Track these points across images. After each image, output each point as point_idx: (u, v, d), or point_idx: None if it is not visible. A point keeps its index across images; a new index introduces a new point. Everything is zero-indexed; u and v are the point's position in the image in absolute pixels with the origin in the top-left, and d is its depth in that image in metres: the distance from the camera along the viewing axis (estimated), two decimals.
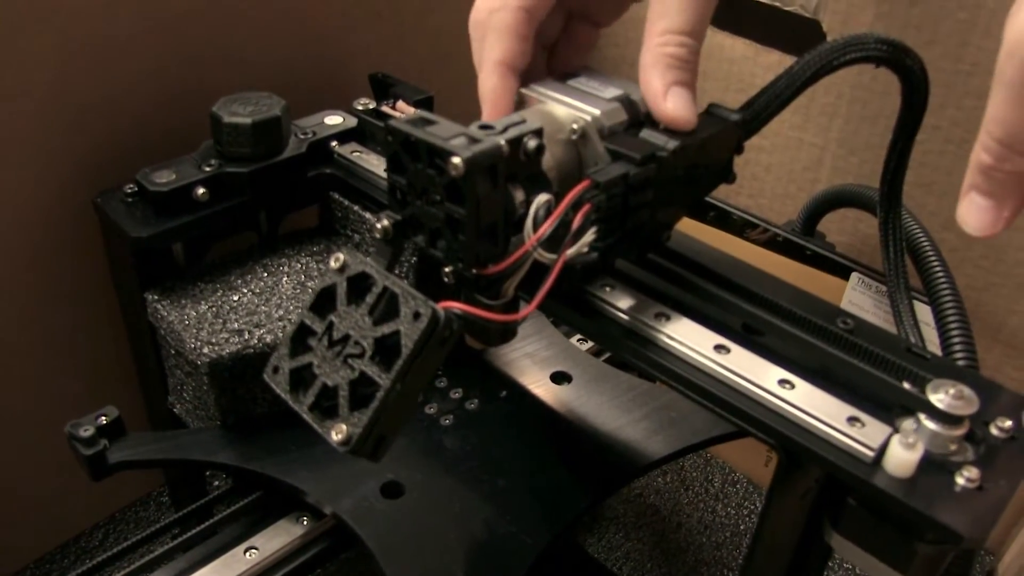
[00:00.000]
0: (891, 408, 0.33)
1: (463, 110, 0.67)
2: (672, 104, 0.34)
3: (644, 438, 0.47)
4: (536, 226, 0.30)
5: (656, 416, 0.48)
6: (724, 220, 0.63)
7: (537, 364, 0.51)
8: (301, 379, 0.31)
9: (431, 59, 0.68)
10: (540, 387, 0.50)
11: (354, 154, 0.50)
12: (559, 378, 0.50)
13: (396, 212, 0.32)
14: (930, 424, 0.32)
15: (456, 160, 0.28)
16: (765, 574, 0.41)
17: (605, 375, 0.51)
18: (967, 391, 0.32)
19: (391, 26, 0.64)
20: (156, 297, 0.47)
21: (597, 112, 0.34)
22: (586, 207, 0.31)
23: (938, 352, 0.39)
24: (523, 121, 0.32)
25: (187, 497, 0.55)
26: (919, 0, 0.57)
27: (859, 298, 0.59)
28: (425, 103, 0.55)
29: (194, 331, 0.45)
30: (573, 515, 0.42)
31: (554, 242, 0.31)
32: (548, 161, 0.33)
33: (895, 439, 0.31)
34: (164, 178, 0.47)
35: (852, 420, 0.32)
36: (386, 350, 0.29)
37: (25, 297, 0.53)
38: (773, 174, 0.69)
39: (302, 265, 0.49)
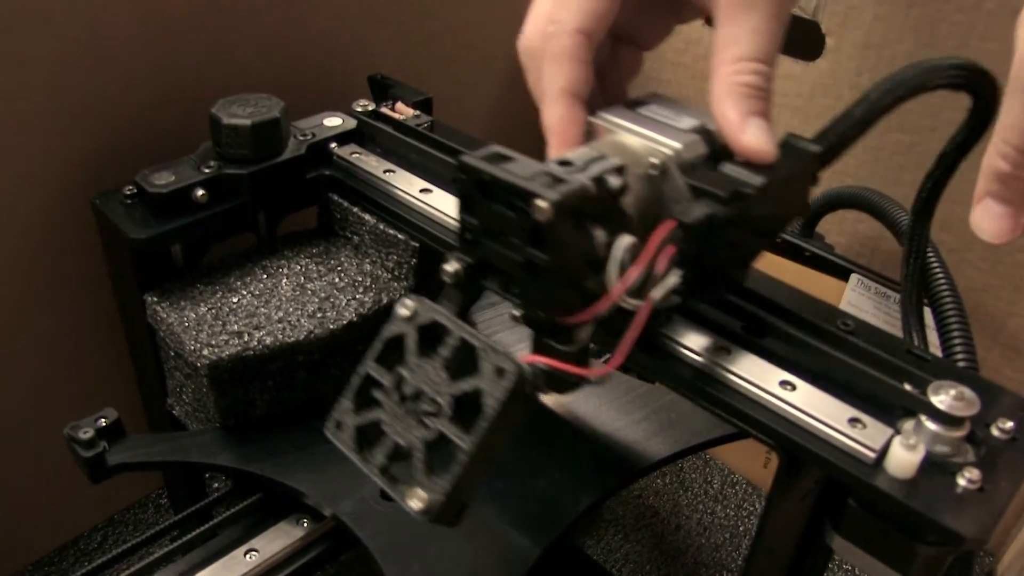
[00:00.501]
0: (892, 410, 0.33)
1: (460, 111, 0.67)
2: (751, 137, 0.32)
3: (644, 439, 0.47)
4: (622, 271, 0.28)
5: (656, 417, 0.48)
6: None
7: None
8: (368, 436, 0.29)
9: (429, 61, 0.68)
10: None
11: (353, 156, 0.50)
12: None
13: (466, 254, 0.30)
14: (931, 425, 0.32)
15: (542, 204, 0.26)
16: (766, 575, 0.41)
17: (606, 378, 0.51)
18: (968, 392, 0.32)
19: (389, 28, 0.64)
20: (155, 299, 0.47)
21: (678, 145, 0.32)
22: (671, 249, 0.29)
23: (939, 354, 0.39)
24: (602, 156, 0.30)
25: (186, 499, 0.55)
26: (917, 2, 0.57)
27: (859, 299, 0.59)
28: (424, 104, 0.56)
29: (193, 333, 0.44)
30: (573, 517, 0.42)
31: (638, 286, 0.29)
32: (627, 198, 0.31)
33: (896, 440, 0.31)
34: (163, 180, 0.46)
35: (853, 421, 0.32)
36: (465, 408, 0.27)
37: (23, 299, 0.53)
38: None
39: (301, 267, 0.49)
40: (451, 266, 0.30)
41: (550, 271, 0.27)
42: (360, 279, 0.48)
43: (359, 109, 0.53)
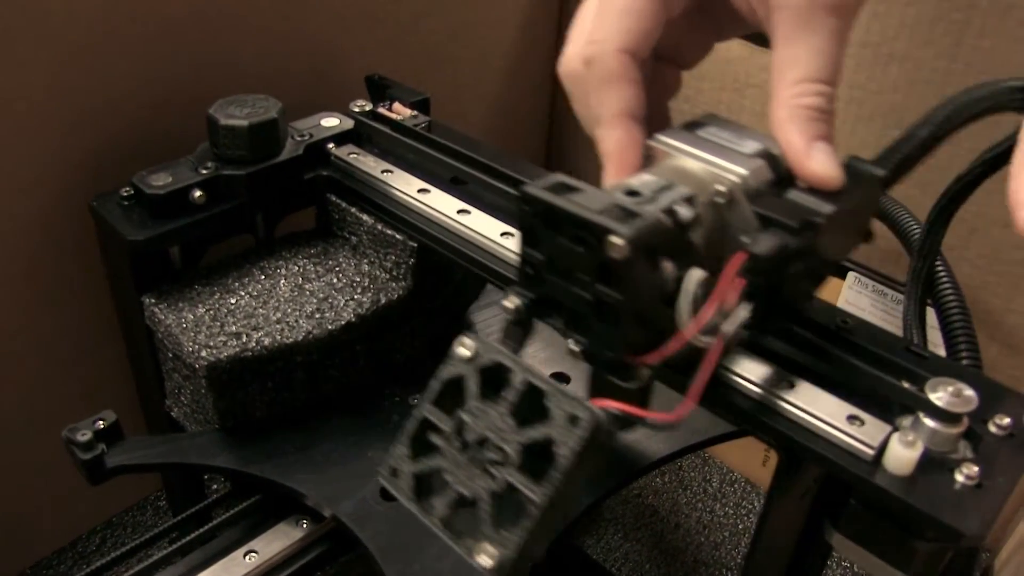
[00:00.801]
0: (891, 407, 0.33)
1: (458, 111, 0.67)
2: (818, 163, 0.30)
3: (643, 438, 0.47)
4: (694, 307, 0.27)
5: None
6: None
7: (535, 364, 0.51)
8: (428, 485, 0.28)
9: (426, 61, 0.68)
10: None
11: (351, 156, 0.50)
12: (558, 379, 0.50)
13: (527, 289, 0.29)
14: (929, 422, 0.32)
15: (617, 240, 0.25)
16: (765, 573, 0.41)
17: None
18: (966, 389, 0.32)
19: (386, 29, 0.64)
20: (153, 300, 0.46)
21: (744, 171, 0.30)
22: (741, 282, 0.28)
23: (941, 353, 0.39)
24: (670, 185, 0.29)
25: (185, 501, 0.54)
26: (915, 0, 0.57)
27: (856, 297, 0.59)
28: (421, 105, 0.56)
29: (192, 334, 0.44)
30: (573, 516, 0.42)
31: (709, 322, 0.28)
32: (696, 229, 0.30)
33: (895, 437, 0.31)
34: (161, 181, 0.46)
35: (852, 419, 0.32)
36: (534, 456, 0.26)
37: (19, 302, 0.53)
38: None
39: (299, 268, 0.49)
40: (511, 302, 0.29)
41: (622, 310, 0.26)
42: (358, 279, 0.48)
43: (356, 109, 0.53)
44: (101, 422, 0.45)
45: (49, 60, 0.48)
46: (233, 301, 0.47)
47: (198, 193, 0.47)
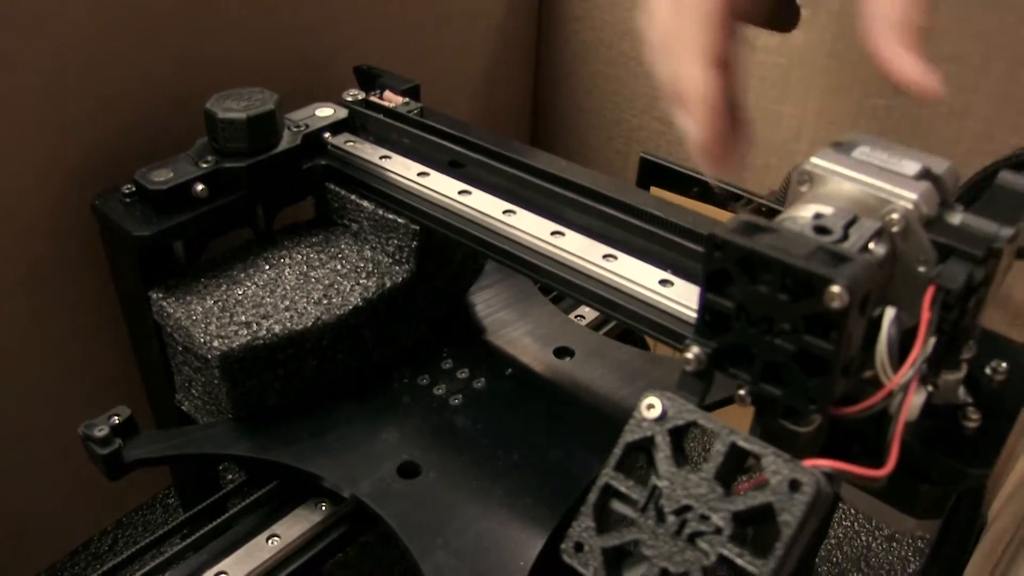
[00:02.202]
0: None
1: (446, 99, 0.68)
2: (923, 75, 0.29)
3: None
4: (891, 348, 0.26)
5: (658, 385, 0.49)
6: (708, 194, 0.64)
7: (538, 341, 0.52)
8: (619, 559, 0.26)
9: (412, 51, 0.69)
10: (544, 363, 0.51)
11: (348, 144, 0.51)
12: (561, 353, 0.51)
13: (709, 339, 0.27)
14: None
15: (837, 289, 0.23)
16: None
17: (605, 348, 0.52)
18: None
19: (373, 19, 0.65)
20: (161, 295, 0.47)
21: (914, 196, 0.28)
22: (928, 317, 0.27)
23: None
24: (854, 217, 0.27)
25: (197, 495, 0.55)
26: None
27: None
28: (412, 92, 0.56)
29: (202, 326, 0.45)
30: (587, 483, 0.43)
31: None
32: None
33: None
34: (162, 176, 0.47)
35: None
36: (746, 524, 0.25)
37: (23, 304, 0.53)
38: (753, 147, 0.71)
39: (303, 256, 0.50)
40: (692, 352, 0.27)
41: (833, 360, 0.25)
42: (362, 265, 0.49)
43: (349, 98, 0.54)
44: (116, 417, 0.45)
45: (42, 60, 0.48)
46: (240, 292, 0.47)
47: (200, 187, 0.47)
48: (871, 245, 0.27)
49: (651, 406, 0.27)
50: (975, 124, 0.60)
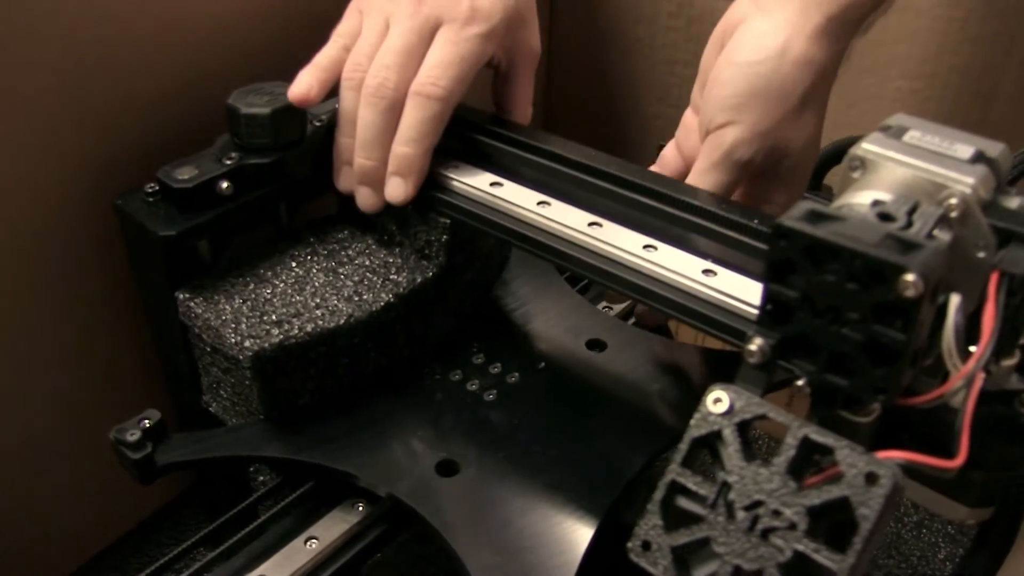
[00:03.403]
0: None
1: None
2: None
3: (688, 400, 0.47)
4: (958, 336, 0.26)
5: (694, 378, 0.49)
6: None
7: (569, 333, 0.51)
8: (690, 557, 0.26)
9: None
10: (577, 356, 0.50)
11: None
12: (594, 345, 0.51)
13: (771, 329, 0.27)
14: None
15: (911, 278, 0.23)
16: None
17: (637, 339, 0.51)
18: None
19: None
20: (188, 295, 0.46)
21: (972, 180, 0.28)
22: (995, 304, 0.27)
23: None
24: (915, 203, 0.27)
25: (227, 497, 0.54)
26: None
27: None
28: None
29: (232, 326, 0.44)
30: (630, 477, 0.43)
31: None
32: None
33: None
34: (187, 174, 0.46)
35: None
36: (819, 519, 0.24)
37: (40, 307, 0.52)
38: None
39: (329, 252, 0.49)
40: (755, 344, 0.27)
41: (903, 350, 0.25)
42: (391, 260, 0.48)
43: None
44: (147, 421, 0.44)
45: (60, 59, 0.47)
46: (269, 291, 0.46)
47: (225, 184, 0.46)
48: (936, 231, 0.27)
49: (718, 400, 0.27)
50: (1002, 107, 0.59)
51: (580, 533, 0.40)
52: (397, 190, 0.45)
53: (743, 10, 0.45)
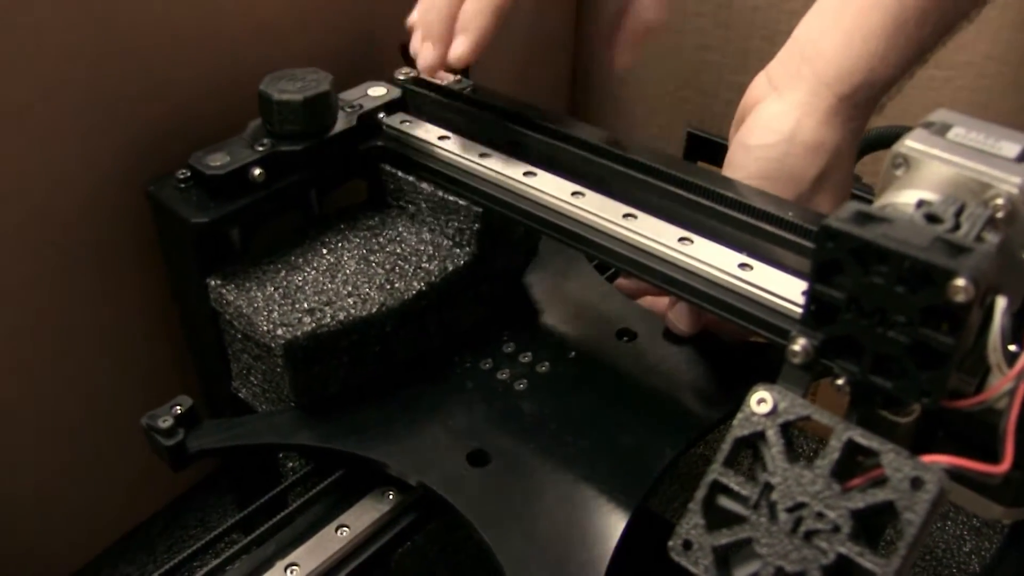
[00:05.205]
0: None
1: (485, 78, 0.66)
2: None
3: (719, 390, 0.47)
4: (1004, 339, 0.26)
5: (726, 367, 0.49)
6: None
7: (599, 322, 0.51)
8: (728, 558, 0.26)
9: None
10: (607, 345, 0.50)
11: (404, 124, 0.50)
12: (624, 334, 0.50)
13: (816, 329, 0.27)
14: None
15: (961, 283, 0.23)
16: None
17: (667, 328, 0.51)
18: None
19: None
20: (219, 282, 0.46)
21: (1019, 180, 0.28)
22: None
23: None
24: (964, 203, 0.27)
25: (255, 484, 0.55)
26: None
27: None
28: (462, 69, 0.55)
29: (265, 314, 0.44)
30: (661, 468, 0.43)
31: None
32: None
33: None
34: (219, 161, 0.46)
35: None
36: (864, 522, 0.24)
37: (70, 293, 0.52)
38: None
39: (361, 240, 0.49)
40: (799, 344, 0.27)
41: (952, 353, 0.25)
42: (422, 248, 0.48)
43: (402, 77, 0.52)
44: (178, 407, 0.45)
45: (94, 46, 0.47)
46: (300, 278, 0.46)
47: (257, 171, 0.46)
48: (984, 233, 0.26)
49: (762, 400, 0.27)
50: None
51: (612, 526, 0.40)
52: (459, 48, 0.44)
53: (760, 90, 0.45)
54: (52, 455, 0.55)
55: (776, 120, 0.44)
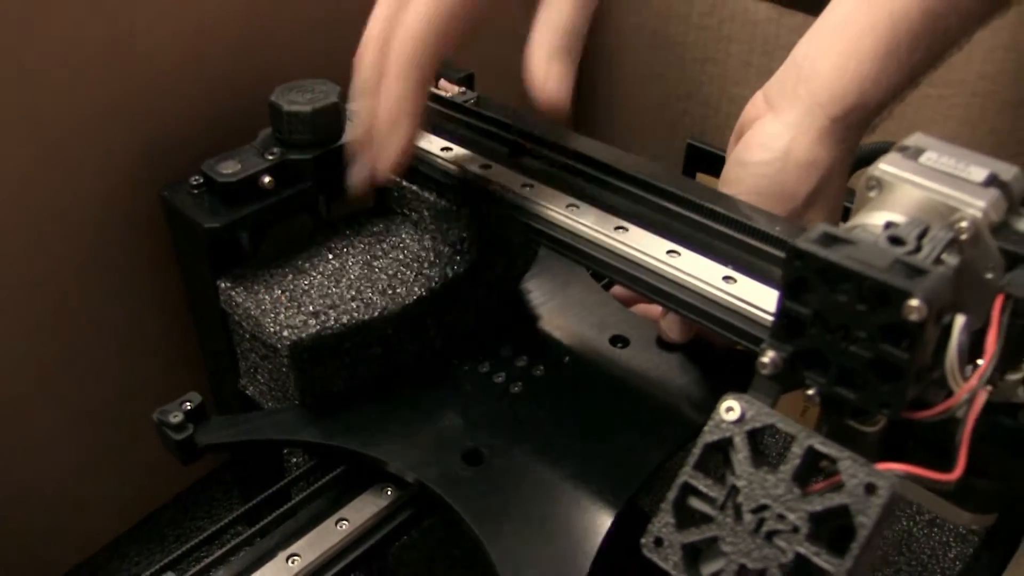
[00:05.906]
0: None
1: (494, 86, 0.68)
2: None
3: (708, 396, 0.49)
4: (960, 356, 0.27)
5: (714, 375, 0.50)
6: None
7: (594, 328, 0.53)
8: (699, 555, 0.27)
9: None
10: (601, 351, 0.51)
11: None
12: (617, 341, 0.52)
13: (784, 342, 0.29)
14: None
15: (915, 303, 0.25)
16: None
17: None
18: None
19: None
20: (229, 285, 0.48)
21: (982, 204, 0.29)
22: (998, 327, 0.28)
23: None
24: (926, 226, 0.28)
25: (259, 478, 0.57)
26: None
27: None
28: (467, 80, 0.57)
29: (272, 316, 0.46)
30: (649, 470, 0.44)
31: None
32: None
33: None
34: (230, 168, 0.48)
35: None
36: (821, 524, 0.26)
37: (87, 292, 0.54)
38: None
39: (365, 246, 0.51)
40: (768, 356, 0.29)
41: (908, 368, 0.26)
42: (424, 255, 0.50)
43: None
44: (188, 403, 0.47)
45: (108, 52, 0.49)
46: (307, 282, 0.48)
47: (267, 179, 0.48)
48: (944, 256, 0.28)
49: (730, 409, 0.28)
50: None
51: (599, 523, 0.42)
52: (383, 170, 0.43)
53: (758, 109, 0.47)
54: (67, 448, 0.58)
55: (772, 139, 0.45)
